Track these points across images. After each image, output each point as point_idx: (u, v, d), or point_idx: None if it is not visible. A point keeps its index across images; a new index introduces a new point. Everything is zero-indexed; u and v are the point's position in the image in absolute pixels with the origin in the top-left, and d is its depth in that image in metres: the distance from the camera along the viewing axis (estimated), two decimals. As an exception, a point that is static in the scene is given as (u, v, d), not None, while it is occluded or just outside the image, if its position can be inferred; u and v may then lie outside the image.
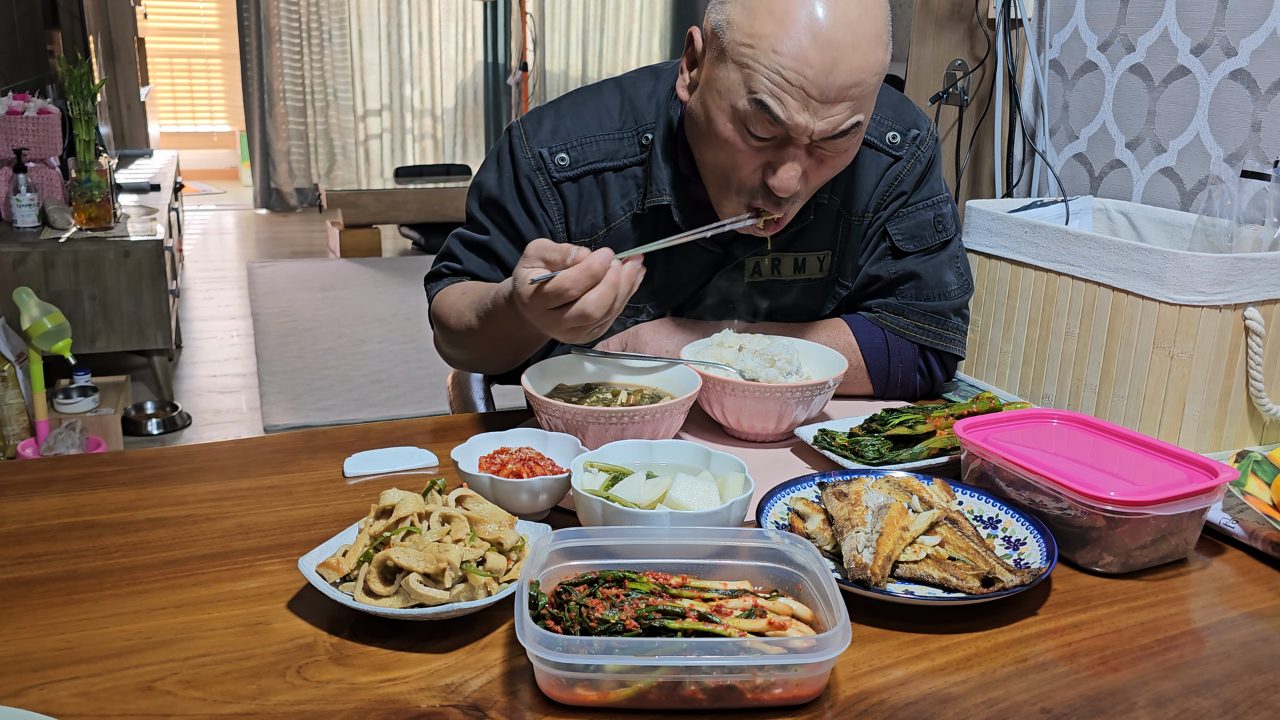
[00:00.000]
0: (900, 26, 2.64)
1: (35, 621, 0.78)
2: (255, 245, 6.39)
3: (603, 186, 1.27)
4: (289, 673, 0.72)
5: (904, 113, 1.30)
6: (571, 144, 1.26)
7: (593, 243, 1.28)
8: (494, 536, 0.81)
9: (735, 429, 1.16)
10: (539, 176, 1.27)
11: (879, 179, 1.29)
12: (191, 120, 8.43)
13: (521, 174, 1.27)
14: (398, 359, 4.22)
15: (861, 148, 1.26)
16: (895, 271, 1.30)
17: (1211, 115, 1.65)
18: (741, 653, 0.68)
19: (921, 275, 1.29)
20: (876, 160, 1.29)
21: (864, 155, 1.28)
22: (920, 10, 2.24)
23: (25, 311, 2.54)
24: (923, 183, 1.30)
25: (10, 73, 3.89)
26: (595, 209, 1.27)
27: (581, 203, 1.27)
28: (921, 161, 1.30)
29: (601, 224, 1.28)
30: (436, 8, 7.55)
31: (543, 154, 1.27)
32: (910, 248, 1.30)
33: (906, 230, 1.30)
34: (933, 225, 1.30)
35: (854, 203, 1.29)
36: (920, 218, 1.30)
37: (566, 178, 1.26)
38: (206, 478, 1.04)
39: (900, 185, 1.29)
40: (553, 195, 1.27)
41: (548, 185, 1.27)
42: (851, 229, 1.30)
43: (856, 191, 1.29)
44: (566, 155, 1.26)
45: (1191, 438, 1.17)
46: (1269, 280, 1.14)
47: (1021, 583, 0.81)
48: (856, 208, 1.29)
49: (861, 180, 1.28)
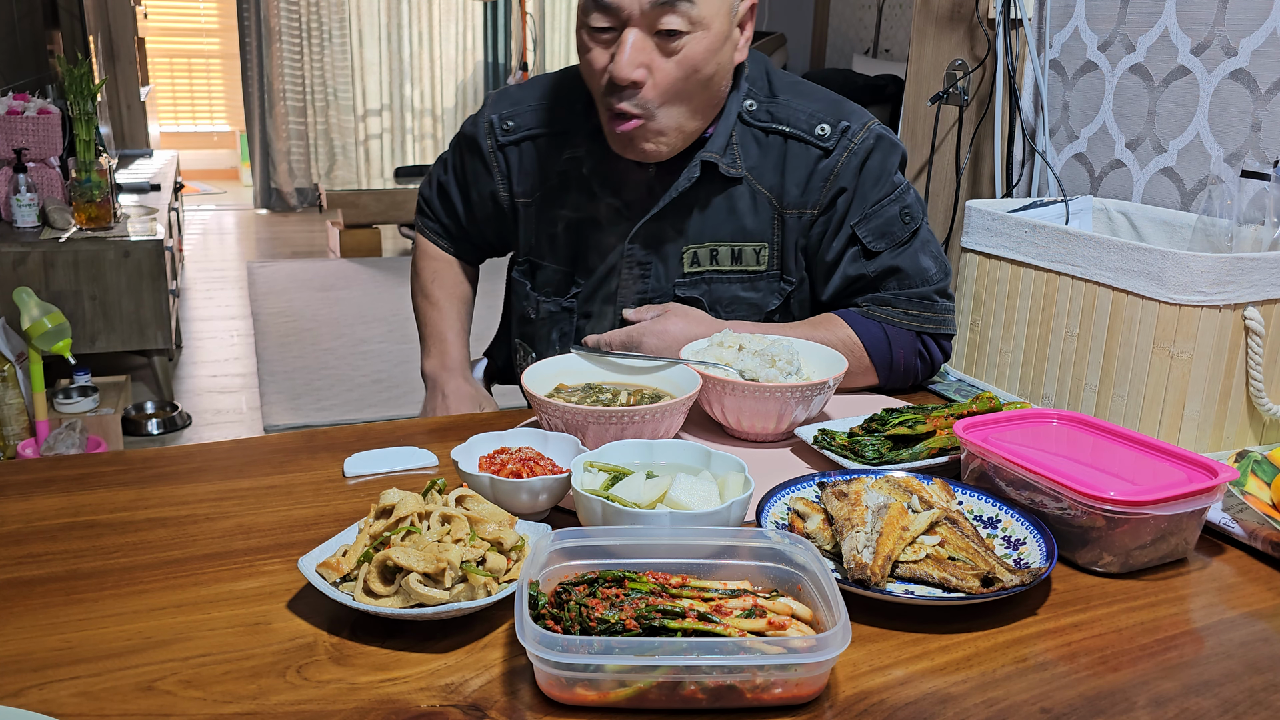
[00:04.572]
0: (900, 26, 2.64)
1: (35, 621, 0.78)
2: (255, 245, 6.38)
3: (540, 151, 1.38)
4: (289, 673, 0.72)
5: (838, 108, 1.32)
6: (518, 112, 1.39)
7: (530, 202, 1.41)
8: (494, 536, 0.81)
9: (735, 429, 1.16)
10: (487, 140, 1.40)
11: (809, 173, 1.30)
12: (191, 120, 8.43)
13: (480, 134, 1.41)
14: (398, 359, 4.22)
15: (789, 140, 1.31)
16: (876, 269, 1.32)
17: (1211, 115, 1.65)
18: (741, 652, 0.68)
19: (902, 268, 1.32)
20: (805, 152, 1.30)
21: (792, 147, 1.31)
22: (920, 10, 2.24)
23: (25, 311, 2.54)
24: (877, 180, 1.31)
25: (10, 73, 3.89)
26: (532, 171, 1.39)
27: (522, 165, 1.40)
28: (856, 155, 1.30)
29: (538, 185, 1.39)
30: (436, 8, 7.54)
31: (493, 120, 1.40)
32: (882, 246, 1.31)
33: (875, 230, 1.31)
34: (899, 219, 1.32)
35: (784, 195, 1.32)
36: (886, 214, 1.31)
37: (509, 142, 1.39)
38: (206, 478, 1.04)
39: (837, 181, 1.30)
40: (497, 158, 1.41)
41: (494, 149, 1.40)
42: (788, 223, 1.33)
43: (785, 183, 1.31)
44: (512, 121, 1.39)
45: (1191, 438, 1.17)
46: (1269, 280, 1.14)
47: (1021, 583, 0.81)
48: (788, 200, 1.32)
49: (790, 172, 1.31)
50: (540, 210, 1.40)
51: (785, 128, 1.31)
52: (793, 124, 1.31)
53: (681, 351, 1.20)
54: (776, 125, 1.31)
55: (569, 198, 1.37)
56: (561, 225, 1.38)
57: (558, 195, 1.38)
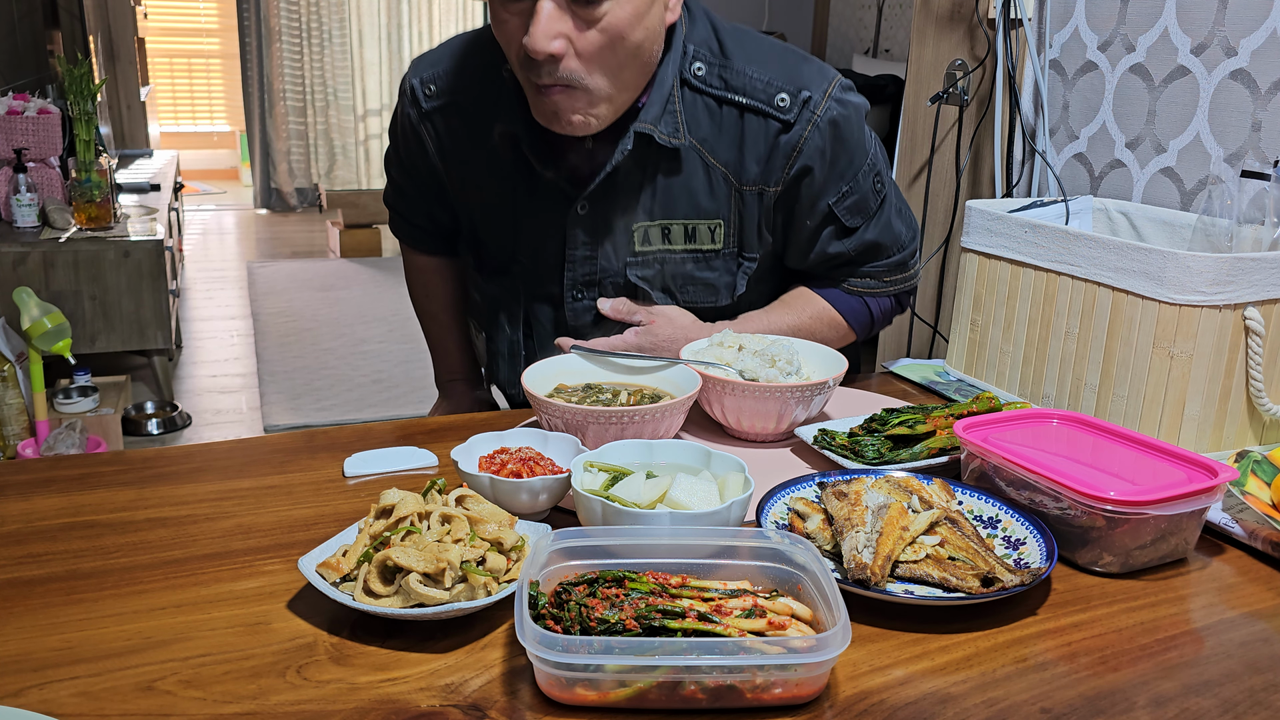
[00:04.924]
0: (900, 26, 2.65)
1: (35, 621, 0.78)
2: (255, 245, 6.38)
3: (468, 120, 1.27)
4: (289, 672, 0.72)
5: (797, 72, 1.22)
6: (438, 75, 1.28)
7: (463, 175, 1.31)
8: (494, 536, 0.81)
9: (735, 429, 1.16)
10: (412, 110, 1.30)
11: (769, 148, 1.22)
12: (191, 120, 8.43)
13: (405, 105, 1.31)
14: (398, 359, 4.22)
15: (746, 114, 1.21)
16: (855, 247, 1.31)
17: (1211, 115, 1.65)
18: (741, 652, 0.68)
19: (879, 241, 1.32)
20: (764, 126, 1.21)
21: (749, 121, 1.21)
22: (920, 10, 2.24)
23: (25, 311, 2.54)
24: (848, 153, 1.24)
25: (10, 73, 3.88)
26: (463, 140, 1.28)
27: (451, 133, 1.29)
28: (821, 131, 1.21)
29: (468, 157, 1.29)
30: (436, 8, 7.54)
31: (414, 85, 1.29)
32: (858, 221, 1.29)
33: (851, 207, 1.27)
34: (872, 190, 1.28)
35: (743, 171, 1.23)
36: (861, 190, 1.27)
37: (434, 109, 1.29)
38: (206, 478, 1.04)
39: (800, 158, 1.22)
40: (425, 126, 1.30)
41: (420, 118, 1.30)
42: (746, 200, 1.25)
43: (743, 159, 1.23)
44: (434, 85, 1.28)
45: (1191, 438, 1.17)
46: (1269, 280, 1.14)
47: (1021, 582, 0.81)
48: (747, 177, 1.24)
49: (748, 147, 1.22)
50: (475, 184, 1.31)
51: (741, 98, 1.20)
52: (749, 94, 1.20)
53: (681, 351, 1.20)
54: (731, 95, 1.20)
55: (504, 171, 1.26)
56: (499, 201, 1.29)
57: (492, 168, 1.28)
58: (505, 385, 1.42)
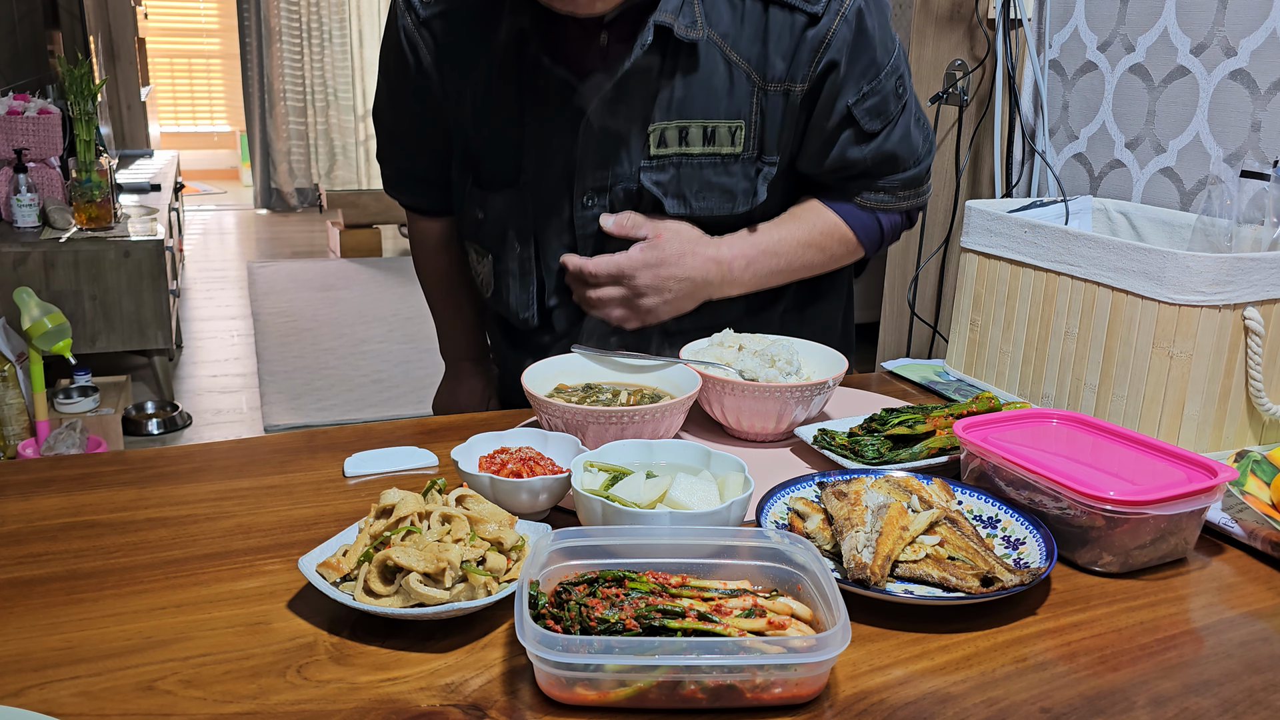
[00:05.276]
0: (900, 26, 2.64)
1: (35, 621, 0.78)
2: (255, 245, 6.39)
3: (471, 21, 1.21)
4: (289, 672, 0.72)
5: None
6: None
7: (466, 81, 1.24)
8: (494, 536, 0.81)
9: (735, 429, 1.16)
10: (408, 16, 1.24)
11: (795, 43, 1.16)
12: (192, 120, 8.44)
13: (398, 18, 1.25)
14: (398, 359, 4.22)
15: (770, 7, 1.15)
16: (872, 156, 1.25)
17: (1211, 115, 1.65)
18: (741, 652, 0.68)
19: (896, 152, 1.27)
20: (789, 20, 1.16)
21: (774, 14, 1.16)
22: (920, 10, 2.24)
23: (25, 311, 2.54)
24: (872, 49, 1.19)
25: (10, 73, 3.89)
26: (462, 43, 1.22)
27: (452, 40, 1.23)
28: (849, 22, 1.16)
29: (474, 62, 1.23)
30: (436, 8, 7.54)
31: None
32: (877, 126, 1.23)
33: (872, 109, 1.21)
34: (894, 93, 1.23)
35: (767, 68, 1.18)
36: (883, 90, 1.21)
37: (434, 15, 1.23)
38: (206, 478, 1.04)
39: (828, 52, 1.16)
40: (421, 35, 1.24)
41: (416, 24, 1.24)
42: (770, 99, 1.19)
43: (768, 55, 1.17)
44: None
45: (1191, 438, 1.17)
46: (1269, 280, 1.14)
47: (1021, 582, 0.81)
48: (772, 74, 1.18)
49: (773, 43, 1.16)
50: (480, 89, 1.24)
51: None
52: None
53: (681, 351, 1.20)
54: None
55: (509, 74, 1.20)
56: (506, 104, 1.23)
57: (496, 72, 1.21)
58: (517, 308, 1.33)
